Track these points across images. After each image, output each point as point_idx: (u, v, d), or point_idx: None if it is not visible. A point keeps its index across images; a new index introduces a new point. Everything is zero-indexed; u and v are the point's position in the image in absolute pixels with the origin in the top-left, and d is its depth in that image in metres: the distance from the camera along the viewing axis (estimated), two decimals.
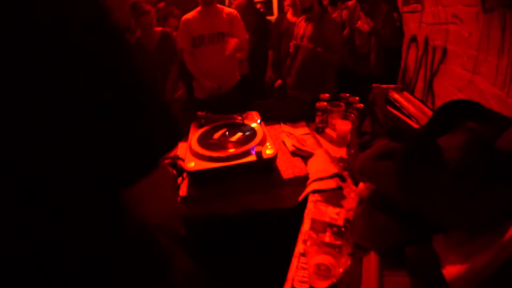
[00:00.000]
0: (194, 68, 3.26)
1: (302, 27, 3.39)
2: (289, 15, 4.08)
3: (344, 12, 4.23)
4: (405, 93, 1.88)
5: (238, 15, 3.24)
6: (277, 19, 4.28)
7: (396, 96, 1.85)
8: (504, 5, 1.49)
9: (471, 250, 0.80)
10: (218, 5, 3.21)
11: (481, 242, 0.79)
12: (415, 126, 1.55)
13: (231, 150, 1.77)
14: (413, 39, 2.49)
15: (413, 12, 2.49)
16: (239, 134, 1.94)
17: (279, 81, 3.85)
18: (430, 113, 1.68)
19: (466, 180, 0.82)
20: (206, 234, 1.85)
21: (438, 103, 2.00)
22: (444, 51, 2.00)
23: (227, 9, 3.23)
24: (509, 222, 0.76)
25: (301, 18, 3.52)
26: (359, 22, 3.74)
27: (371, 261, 1.13)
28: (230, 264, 1.90)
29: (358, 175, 1.36)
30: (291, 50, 3.40)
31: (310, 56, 3.21)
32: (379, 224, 1.10)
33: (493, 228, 0.78)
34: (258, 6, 5.79)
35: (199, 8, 3.17)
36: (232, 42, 3.16)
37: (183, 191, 1.75)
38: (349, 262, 1.19)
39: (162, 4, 4.01)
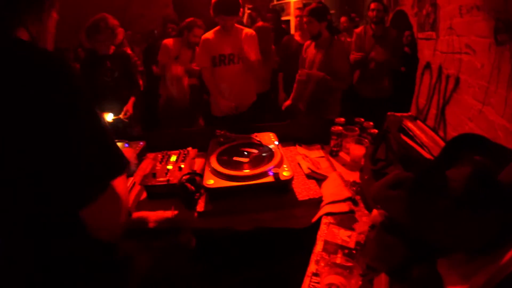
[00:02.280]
0: (213, 86, 3.33)
1: (311, 53, 3.48)
2: (297, 37, 4.14)
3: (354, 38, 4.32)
4: (418, 122, 1.95)
5: (254, 35, 3.30)
6: (285, 41, 4.30)
7: (409, 124, 1.92)
8: None
9: (471, 271, 0.88)
10: (238, 25, 3.29)
11: (480, 263, 0.87)
12: (427, 155, 1.62)
13: (250, 171, 1.85)
14: (427, 66, 2.55)
15: (428, 39, 2.54)
16: (258, 155, 2.02)
17: (289, 102, 3.85)
18: (441, 142, 1.75)
19: (468, 209, 0.89)
20: (221, 248, 1.91)
21: (450, 131, 2.05)
22: (457, 80, 2.04)
23: (246, 30, 3.30)
24: (505, 246, 0.83)
25: (308, 42, 3.59)
26: (372, 53, 3.84)
27: (381, 282, 1.20)
28: (242, 279, 1.95)
29: (372, 202, 1.43)
30: (302, 78, 3.43)
31: (321, 84, 3.29)
32: (390, 246, 1.17)
33: (491, 251, 0.86)
34: (283, 26, 5.89)
35: (218, 28, 3.24)
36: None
37: (200, 206, 1.83)
38: (360, 283, 1.25)
39: (185, 23, 4.16)
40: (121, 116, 3.42)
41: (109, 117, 3.06)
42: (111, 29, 3.26)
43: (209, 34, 3.29)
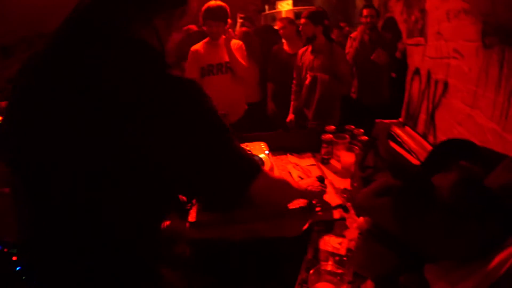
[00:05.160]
0: None
1: (308, 59, 3.47)
2: (286, 47, 4.15)
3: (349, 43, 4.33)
4: (407, 128, 1.96)
5: (242, 44, 3.38)
6: (275, 51, 4.29)
7: (398, 131, 1.93)
8: (503, 42, 1.56)
9: (458, 278, 0.87)
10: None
11: (467, 270, 0.86)
12: (415, 161, 1.62)
13: None
14: (417, 71, 2.56)
15: (416, 45, 2.55)
16: None
17: (291, 117, 3.86)
18: (429, 148, 1.75)
19: (454, 216, 0.89)
20: (213, 259, 1.90)
21: (440, 135, 2.06)
22: (446, 85, 2.05)
23: (234, 40, 3.37)
24: (492, 252, 0.83)
25: (304, 49, 3.60)
26: (374, 55, 3.84)
27: None
28: None
29: (357, 210, 1.42)
30: (307, 82, 3.44)
31: (328, 87, 3.29)
32: (376, 254, 1.17)
33: (479, 257, 0.85)
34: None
35: (207, 39, 3.32)
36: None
37: (192, 216, 1.81)
38: None
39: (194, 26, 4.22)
40: None
41: None
42: None
43: (197, 46, 3.36)
